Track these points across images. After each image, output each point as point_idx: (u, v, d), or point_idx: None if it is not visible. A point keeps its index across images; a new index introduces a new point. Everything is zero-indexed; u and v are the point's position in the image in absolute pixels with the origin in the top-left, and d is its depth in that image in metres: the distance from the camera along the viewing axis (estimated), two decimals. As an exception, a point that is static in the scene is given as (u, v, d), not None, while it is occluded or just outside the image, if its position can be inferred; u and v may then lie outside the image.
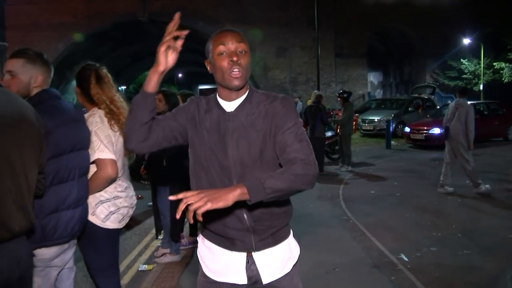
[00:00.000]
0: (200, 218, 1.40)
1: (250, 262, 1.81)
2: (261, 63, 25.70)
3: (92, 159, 2.54)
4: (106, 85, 2.73)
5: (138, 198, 3.21)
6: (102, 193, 2.66)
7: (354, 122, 11.50)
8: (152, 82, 1.71)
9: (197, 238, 1.97)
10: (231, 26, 16.77)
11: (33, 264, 2.04)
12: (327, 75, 25.84)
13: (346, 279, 4.18)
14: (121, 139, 2.68)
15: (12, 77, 2.26)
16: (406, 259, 4.63)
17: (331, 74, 26.34)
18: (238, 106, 1.79)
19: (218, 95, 1.84)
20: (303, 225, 5.80)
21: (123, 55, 32.75)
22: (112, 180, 2.63)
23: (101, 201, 2.66)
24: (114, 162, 2.57)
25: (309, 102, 10.89)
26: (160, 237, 5.17)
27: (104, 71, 2.77)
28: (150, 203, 6.29)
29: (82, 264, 2.80)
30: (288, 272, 1.87)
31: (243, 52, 1.74)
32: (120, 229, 2.83)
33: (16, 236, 1.75)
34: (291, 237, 1.94)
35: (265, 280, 1.82)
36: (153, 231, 5.36)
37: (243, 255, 1.81)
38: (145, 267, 4.67)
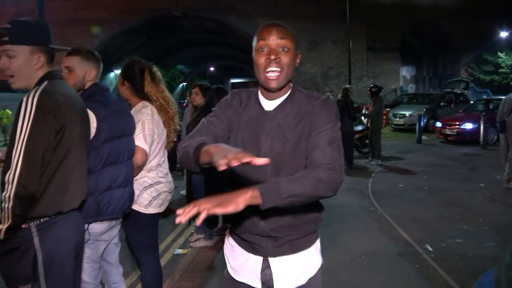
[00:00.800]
0: (200, 220, 1.35)
1: (264, 266, 1.77)
2: (293, 57, 25.79)
3: None
4: (159, 83, 3.03)
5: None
6: (145, 179, 2.93)
7: (385, 116, 11.53)
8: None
9: (226, 235, 1.98)
10: (263, 20, 16.93)
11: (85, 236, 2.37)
12: (358, 69, 25.73)
13: (371, 265, 4.36)
14: (165, 132, 2.99)
15: (69, 72, 2.58)
16: (430, 249, 4.76)
17: (363, 68, 26.19)
18: (278, 105, 1.72)
19: (260, 91, 1.78)
20: (332, 215, 5.99)
21: (156, 49, 33.35)
22: (138, 168, 2.85)
23: (145, 187, 2.92)
24: (145, 152, 2.82)
25: (339, 97, 10.98)
26: (194, 224, 5.44)
27: (156, 69, 3.06)
28: (183, 191, 6.61)
29: (124, 244, 3.08)
30: (303, 284, 1.78)
31: (286, 50, 1.65)
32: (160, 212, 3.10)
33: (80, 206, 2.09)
34: (314, 248, 1.82)
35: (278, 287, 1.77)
36: (187, 218, 5.62)
37: (260, 259, 1.78)
38: (180, 251, 4.95)
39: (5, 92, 18.59)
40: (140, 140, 2.80)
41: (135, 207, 2.88)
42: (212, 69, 47.77)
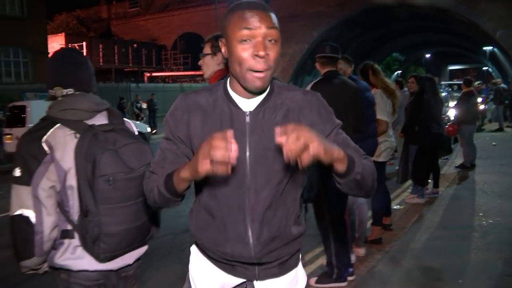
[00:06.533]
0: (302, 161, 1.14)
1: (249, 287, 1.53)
2: None
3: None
4: (379, 74, 4.51)
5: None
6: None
7: None
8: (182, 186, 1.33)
9: (191, 249, 1.62)
10: (485, 4, 16.80)
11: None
12: None
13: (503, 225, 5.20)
14: (391, 104, 4.42)
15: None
16: None
17: None
18: (259, 104, 1.42)
19: (230, 87, 1.45)
20: (480, 189, 6.64)
21: (368, 40, 34.24)
22: (382, 132, 4.36)
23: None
24: (385, 122, 4.37)
25: None
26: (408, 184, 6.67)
27: (376, 66, 4.54)
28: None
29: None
30: None
31: (273, 41, 1.32)
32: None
33: None
34: (300, 265, 1.60)
35: None
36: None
37: (241, 280, 1.52)
38: (397, 206, 6.27)
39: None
40: (379, 114, 4.32)
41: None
42: (428, 56, 46.14)
